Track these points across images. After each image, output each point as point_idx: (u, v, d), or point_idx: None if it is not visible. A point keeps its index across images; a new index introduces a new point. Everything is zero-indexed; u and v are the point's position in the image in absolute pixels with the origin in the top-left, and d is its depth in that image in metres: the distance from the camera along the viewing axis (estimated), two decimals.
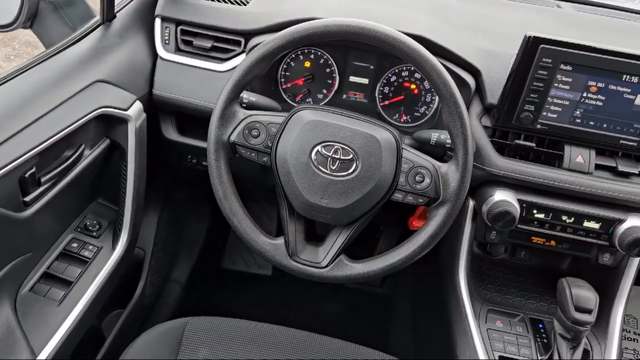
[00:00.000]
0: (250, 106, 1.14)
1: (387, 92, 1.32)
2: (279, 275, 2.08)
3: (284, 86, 1.35)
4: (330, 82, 1.34)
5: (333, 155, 1.00)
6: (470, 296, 1.24)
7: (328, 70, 1.33)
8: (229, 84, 1.01)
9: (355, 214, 1.03)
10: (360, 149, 0.99)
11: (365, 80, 1.33)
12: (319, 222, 1.07)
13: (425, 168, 1.01)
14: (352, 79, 1.33)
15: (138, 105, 1.20)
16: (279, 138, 1.03)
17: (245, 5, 1.31)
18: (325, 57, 1.33)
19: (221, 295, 1.99)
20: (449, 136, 1.06)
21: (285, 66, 1.34)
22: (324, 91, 1.35)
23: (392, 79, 1.31)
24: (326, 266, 1.05)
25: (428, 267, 1.53)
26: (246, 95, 1.14)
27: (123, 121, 1.16)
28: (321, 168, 1.00)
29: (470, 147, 0.98)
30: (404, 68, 1.30)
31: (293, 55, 1.33)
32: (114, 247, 1.23)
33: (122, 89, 1.19)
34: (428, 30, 1.18)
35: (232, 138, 1.04)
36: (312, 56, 1.33)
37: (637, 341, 1.92)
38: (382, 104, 1.33)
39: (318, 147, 1.00)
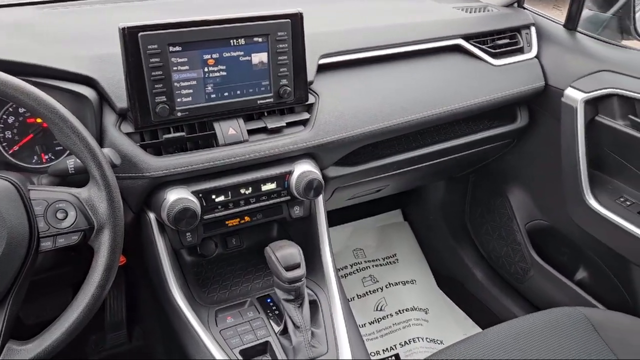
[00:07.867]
0: None
1: (10, 136, 1.11)
2: None
3: None
4: None
5: None
6: (194, 306, 1.15)
7: None
8: None
9: None
10: None
11: None
12: None
13: (64, 201, 0.86)
14: None
15: None
16: None
17: None
18: None
19: None
20: None
21: None
22: None
23: (10, 120, 1.11)
24: None
25: None
26: None
27: None
28: None
29: (102, 159, 0.87)
30: None
31: None
32: None
33: None
34: (7, 52, 1.01)
35: None
36: None
37: (369, 268, 2.14)
38: (10, 151, 1.12)
39: None
